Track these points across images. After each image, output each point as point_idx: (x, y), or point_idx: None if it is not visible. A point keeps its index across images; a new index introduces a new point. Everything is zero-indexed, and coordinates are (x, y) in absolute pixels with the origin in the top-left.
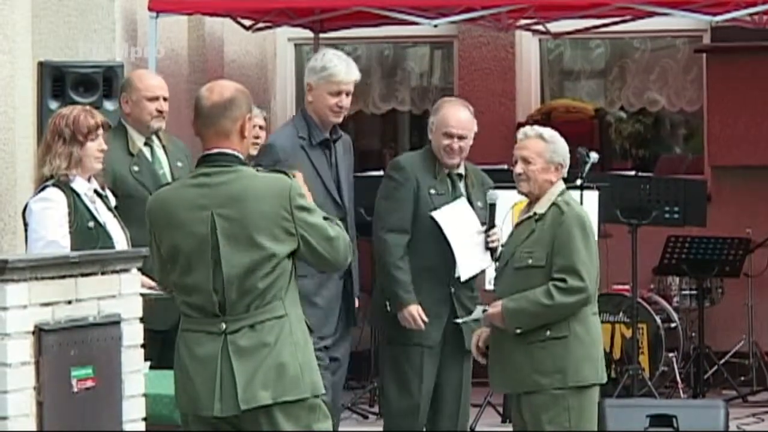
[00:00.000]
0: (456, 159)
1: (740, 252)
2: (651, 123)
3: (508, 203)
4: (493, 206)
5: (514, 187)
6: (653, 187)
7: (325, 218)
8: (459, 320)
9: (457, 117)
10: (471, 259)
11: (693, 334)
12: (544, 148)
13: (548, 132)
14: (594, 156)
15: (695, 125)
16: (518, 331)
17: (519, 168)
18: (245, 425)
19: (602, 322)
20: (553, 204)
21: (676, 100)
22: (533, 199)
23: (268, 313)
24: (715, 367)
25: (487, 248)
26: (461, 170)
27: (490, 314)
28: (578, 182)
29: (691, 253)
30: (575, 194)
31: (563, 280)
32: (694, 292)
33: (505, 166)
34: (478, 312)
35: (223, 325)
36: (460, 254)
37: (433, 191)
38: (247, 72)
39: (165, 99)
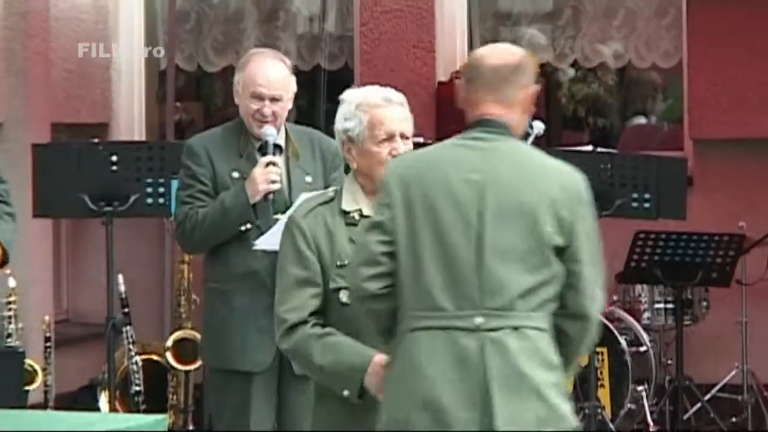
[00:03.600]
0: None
1: (731, 253)
2: (614, 83)
3: None
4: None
5: None
6: (617, 166)
7: None
8: None
9: (266, 73)
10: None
11: (669, 361)
12: (410, 118)
13: (398, 94)
14: (538, 126)
15: (672, 86)
16: None
17: (401, 148)
18: None
19: None
20: None
21: (646, 54)
22: None
23: (533, 321)
24: (699, 405)
25: None
26: (280, 140)
27: None
28: None
29: (666, 254)
30: None
31: None
32: (670, 305)
33: (421, 139)
34: None
35: (479, 320)
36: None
37: (236, 174)
38: (80, 13)
39: None
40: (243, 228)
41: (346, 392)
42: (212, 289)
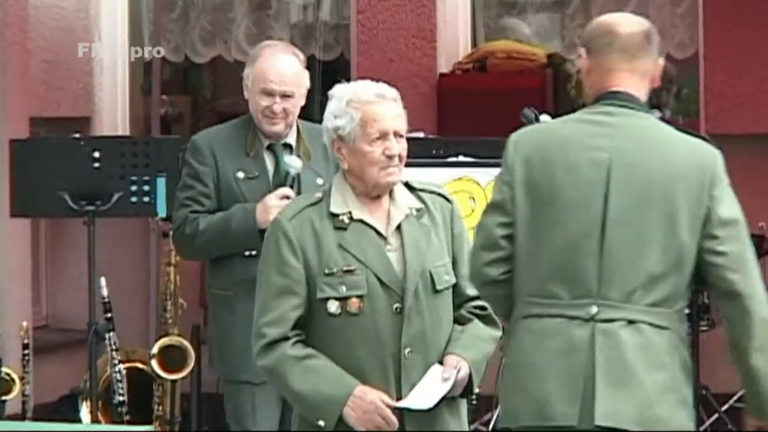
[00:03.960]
0: (280, 125)
1: None
2: None
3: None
4: (292, 177)
5: (434, 165)
6: None
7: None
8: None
9: (277, 68)
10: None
11: None
12: (403, 115)
13: (391, 90)
14: (546, 120)
15: (687, 78)
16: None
17: (395, 147)
18: None
19: None
20: (416, 189)
21: (660, 43)
22: (382, 193)
23: (652, 317)
24: (716, 416)
25: None
26: (290, 139)
27: (463, 377)
28: None
29: None
30: None
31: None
32: (686, 310)
33: (422, 134)
34: (435, 384)
35: (593, 309)
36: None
37: (241, 174)
38: (60, 0)
39: None
40: (247, 254)
41: (321, 422)
42: (215, 295)
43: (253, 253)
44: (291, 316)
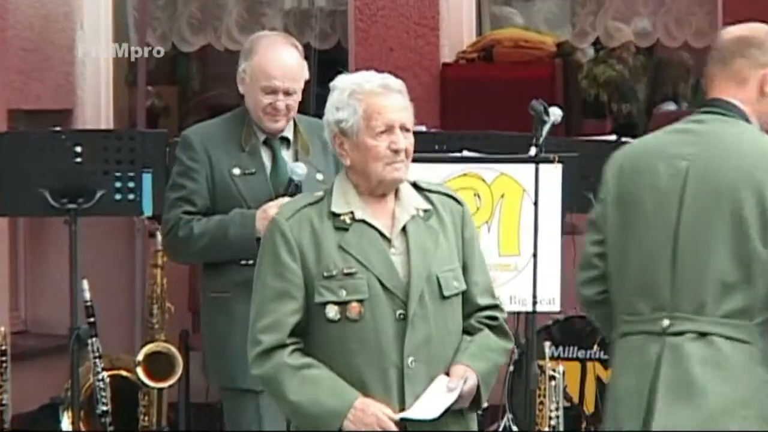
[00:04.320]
0: (282, 122)
1: None
2: (639, 65)
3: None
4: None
5: (437, 160)
6: None
7: None
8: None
9: (280, 64)
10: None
11: None
12: (410, 108)
13: (397, 81)
14: (556, 113)
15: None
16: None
17: (402, 141)
18: None
19: (566, 359)
20: (424, 189)
21: (677, 31)
22: (387, 191)
23: (727, 329)
24: None
25: None
26: (287, 133)
27: (470, 388)
28: (532, 151)
29: None
30: (530, 169)
31: (498, 307)
32: None
33: (423, 128)
34: (440, 394)
35: (665, 322)
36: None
37: (237, 171)
38: None
39: None
40: (243, 262)
41: None
42: (210, 298)
43: (250, 262)
44: (288, 322)
